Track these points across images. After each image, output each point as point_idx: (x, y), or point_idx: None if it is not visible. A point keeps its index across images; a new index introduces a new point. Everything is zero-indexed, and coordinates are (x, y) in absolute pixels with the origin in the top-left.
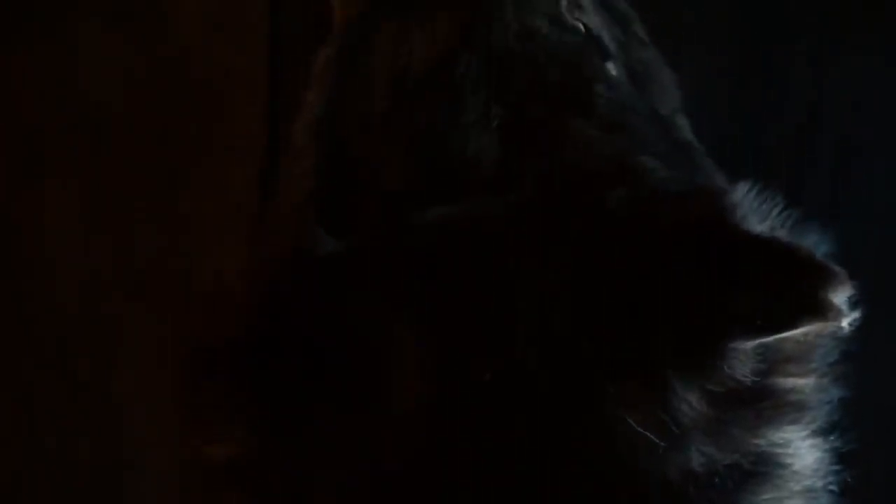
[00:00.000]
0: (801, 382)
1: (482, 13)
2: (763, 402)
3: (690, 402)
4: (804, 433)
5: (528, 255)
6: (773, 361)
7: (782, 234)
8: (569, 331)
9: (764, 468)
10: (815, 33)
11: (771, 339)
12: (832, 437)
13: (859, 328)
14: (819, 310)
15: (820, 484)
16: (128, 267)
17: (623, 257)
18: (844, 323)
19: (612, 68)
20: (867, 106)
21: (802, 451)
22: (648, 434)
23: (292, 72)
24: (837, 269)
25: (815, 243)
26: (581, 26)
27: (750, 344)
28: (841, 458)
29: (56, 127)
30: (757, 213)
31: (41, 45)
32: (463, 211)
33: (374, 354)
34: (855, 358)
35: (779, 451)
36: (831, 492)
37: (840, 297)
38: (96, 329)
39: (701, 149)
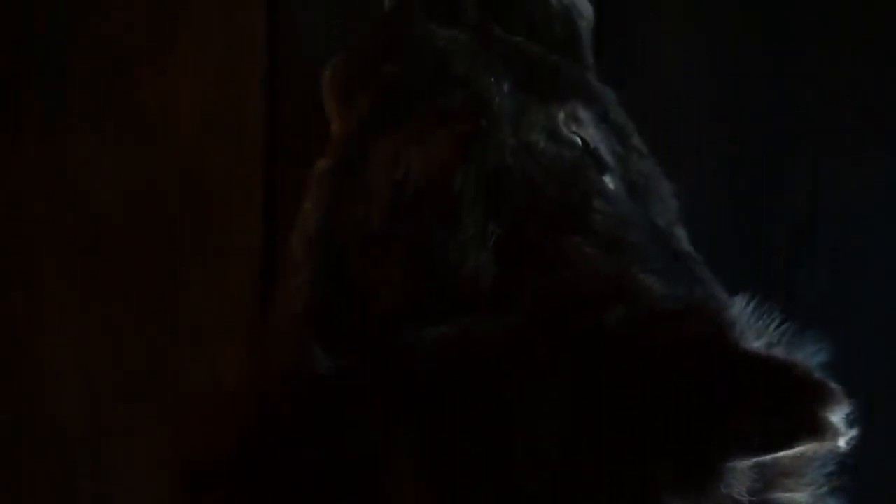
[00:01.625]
0: (797, 497)
1: (479, 129)
2: None
3: None
4: None
5: (527, 380)
6: (769, 477)
7: (779, 349)
8: (567, 455)
9: None
10: (813, 138)
11: (768, 457)
12: None
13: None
14: (816, 429)
15: None
16: (125, 372)
17: (621, 380)
18: (842, 441)
19: (610, 181)
20: (865, 211)
21: None
22: None
23: (290, 178)
24: (834, 386)
25: (813, 353)
26: (579, 140)
27: (747, 463)
28: None
29: (51, 232)
30: (754, 328)
31: (35, 148)
32: (460, 332)
33: (371, 485)
34: (853, 468)
35: None
36: None
37: (837, 415)
38: (95, 438)
39: (699, 259)
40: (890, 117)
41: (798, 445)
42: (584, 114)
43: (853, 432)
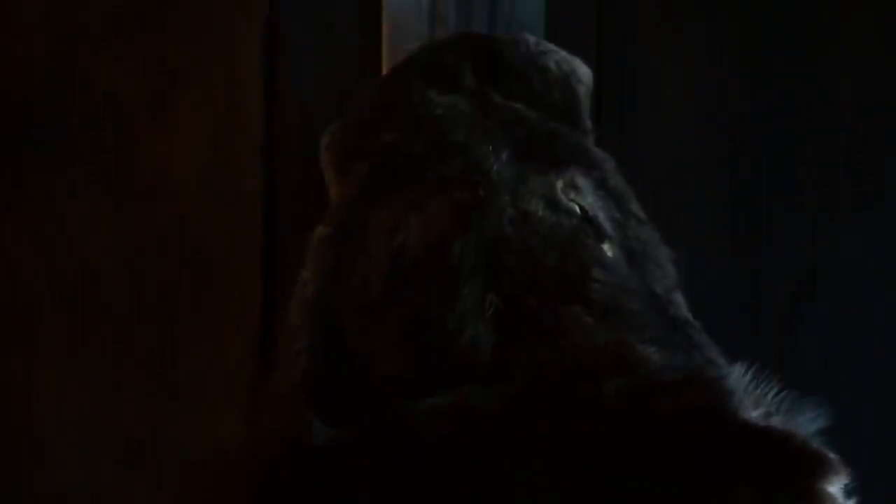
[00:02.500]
0: None
1: (478, 198)
2: None
3: None
4: None
5: (525, 452)
6: None
7: (778, 418)
8: None
9: None
10: (811, 199)
11: None
12: None
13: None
14: (814, 501)
15: None
16: (125, 439)
17: (620, 452)
18: None
19: (608, 249)
20: (864, 271)
21: None
22: None
23: (289, 243)
24: (832, 456)
25: (812, 420)
26: (577, 208)
27: None
28: None
29: (50, 296)
30: (753, 396)
31: (33, 210)
32: (459, 402)
33: None
34: None
35: None
36: None
37: (835, 486)
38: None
39: (698, 325)
40: (887, 178)
41: None
42: (582, 181)
43: (852, 501)
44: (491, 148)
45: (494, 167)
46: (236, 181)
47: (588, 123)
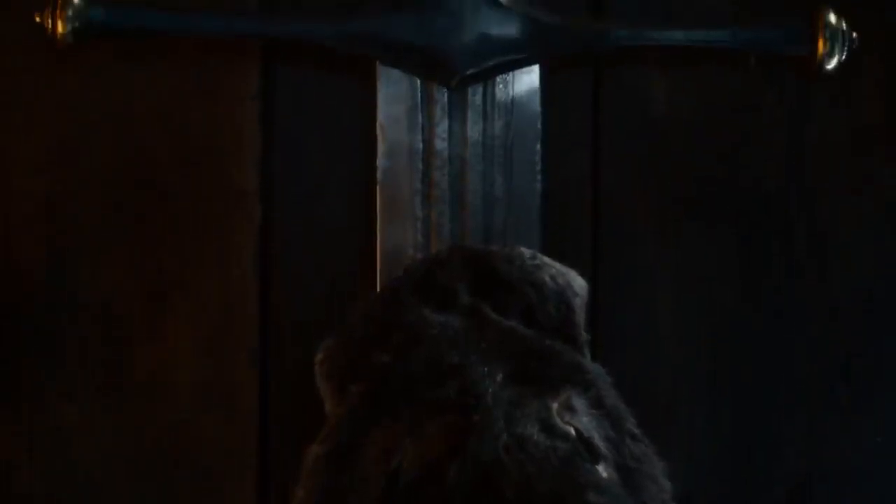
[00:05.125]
0: None
1: (472, 423)
2: None
3: None
4: None
5: None
6: None
7: None
8: None
9: None
10: (808, 402)
11: None
12: None
13: None
14: None
15: None
16: None
17: None
18: None
19: (603, 470)
20: (861, 472)
21: None
22: None
23: (283, 451)
24: None
25: None
26: (572, 430)
27: None
28: None
29: (43, 500)
30: None
31: (28, 414)
32: None
33: None
34: None
35: None
36: None
37: None
38: None
39: None
40: (877, 383)
41: None
42: (578, 402)
43: None
44: (486, 370)
45: (489, 390)
46: (231, 389)
47: (583, 336)
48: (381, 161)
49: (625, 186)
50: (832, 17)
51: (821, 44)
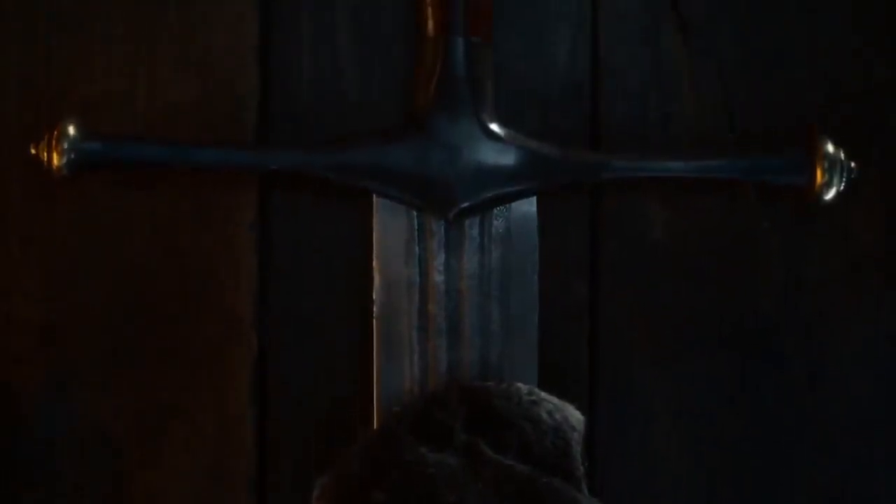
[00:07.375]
0: None
1: None
2: None
3: None
4: None
5: None
6: None
7: None
8: None
9: None
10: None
11: None
12: None
13: None
14: None
15: None
16: None
17: None
18: None
19: None
20: None
21: None
22: None
23: None
24: None
25: None
26: None
27: None
28: None
29: None
30: None
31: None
32: None
33: None
34: None
35: None
36: None
37: None
38: None
39: None
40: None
41: None
42: None
43: None
44: None
45: None
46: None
47: (580, 469)
48: (377, 294)
49: (623, 315)
50: (830, 147)
51: (819, 174)
